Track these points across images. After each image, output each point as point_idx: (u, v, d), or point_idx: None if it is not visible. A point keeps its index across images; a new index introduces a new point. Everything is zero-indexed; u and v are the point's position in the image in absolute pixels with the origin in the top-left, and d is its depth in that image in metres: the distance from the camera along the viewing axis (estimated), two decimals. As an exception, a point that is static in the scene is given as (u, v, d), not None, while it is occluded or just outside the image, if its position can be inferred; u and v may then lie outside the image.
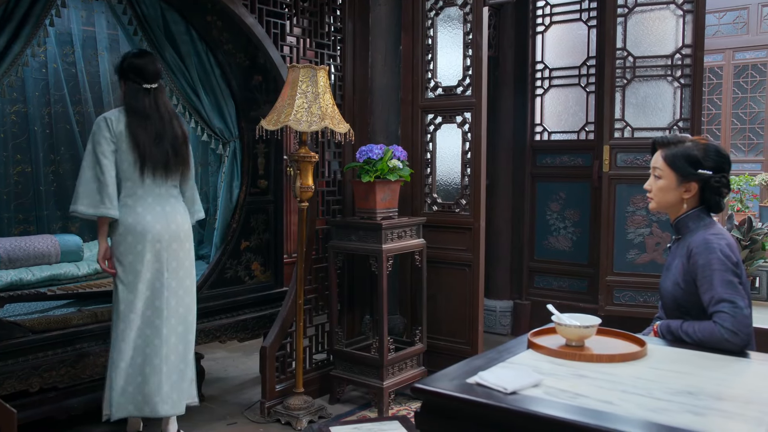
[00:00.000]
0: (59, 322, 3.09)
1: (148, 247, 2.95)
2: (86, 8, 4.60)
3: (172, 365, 2.98)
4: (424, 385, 1.67)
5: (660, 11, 4.35)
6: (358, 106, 4.14)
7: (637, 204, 4.33)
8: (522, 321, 5.26)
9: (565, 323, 1.96)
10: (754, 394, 1.62)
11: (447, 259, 4.08)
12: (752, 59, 8.54)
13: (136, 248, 2.94)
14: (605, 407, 1.51)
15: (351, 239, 3.77)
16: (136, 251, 2.94)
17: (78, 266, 3.98)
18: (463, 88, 4.04)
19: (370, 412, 3.70)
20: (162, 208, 3.02)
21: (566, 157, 5.12)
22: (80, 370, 3.13)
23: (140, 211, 2.97)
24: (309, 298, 3.89)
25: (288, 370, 3.77)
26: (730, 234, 2.23)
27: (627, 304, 4.36)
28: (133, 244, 2.94)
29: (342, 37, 4.07)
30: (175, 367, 3.00)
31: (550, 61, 5.23)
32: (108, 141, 2.93)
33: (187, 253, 3.09)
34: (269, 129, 3.27)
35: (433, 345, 4.07)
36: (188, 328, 3.09)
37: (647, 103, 4.39)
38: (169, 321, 2.98)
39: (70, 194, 4.50)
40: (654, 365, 1.83)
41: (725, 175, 2.17)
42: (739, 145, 8.71)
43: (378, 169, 3.65)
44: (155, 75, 3.05)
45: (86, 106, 4.61)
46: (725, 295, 2.00)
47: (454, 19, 4.11)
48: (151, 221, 2.97)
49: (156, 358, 2.94)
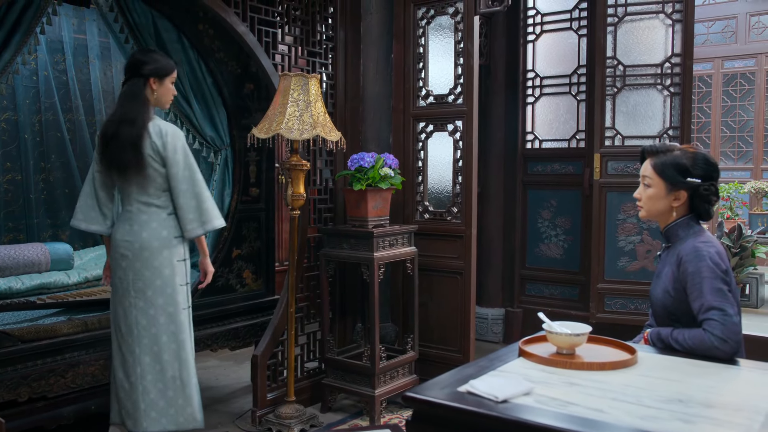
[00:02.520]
0: (49, 331, 3.07)
1: (117, 265, 2.91)
2: (77, 16, 4.60)
3: (149, 384, 2.88)
4: (415, 394, 1.67)
5: (649, 20, 4.39)
6: (349, 114, 4.15)
7: (627, 212, 4.35)
8: (514, 329, 5.26)
9: (555, 331, 1.96)
10: (744, 401, 1.63)
11: (438, 267, 4.09)
12: (741, 68, 8.62)
13: (113, 263, 2.94)
14: (596, 415, 1.51)
15: (342, 247, 3.77)
16: (114, 266, 2.94)
17: (68, 275, 3.96)
18: (454, 96, 4.06)
19: (361, 421, 3.69)
20: (131, 224, 2.89)
21: (557, 165, 5.14)
22: (70, 379, 3.10)
23: (116, 225, 2.95)
24: (300, 306, 3.88)
25: (279, 379, 3.76)
26: (719, 242, 2.24)
27: (618, 312, 4.37)
28: (112, 259, 2.96)
29: (334, 45, 4.08)
30: (153, 386, 2.88)
31: (541, 69, 5.26)
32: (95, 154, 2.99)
33: (155, 272, 2.87)
34: (261, 137, 3.27)
35: (424, 353, 4.06)
36: (180, 345, 2.92)
37: (637, 112, 4.42)
38: (140, 341, 2.86)
39: (60, 202, 4.53)
40: (644, 373, 1.83)
41: (714, 183, 2.19)
42: (729, 153, 8.77)
43: (369, 177, 3.65)
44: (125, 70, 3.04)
45: (77, 114, 4.61)
46: (715, 302, 2.01)
47: (445, 28, 4.13)
48: (119, 237, 2.90)
49: (132, 375, 2.88)
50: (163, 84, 2.94)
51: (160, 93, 2.93)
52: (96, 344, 3.19)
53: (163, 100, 2.97)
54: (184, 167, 2.86)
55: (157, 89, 2.92)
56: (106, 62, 4.81)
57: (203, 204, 2.91)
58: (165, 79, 2.93)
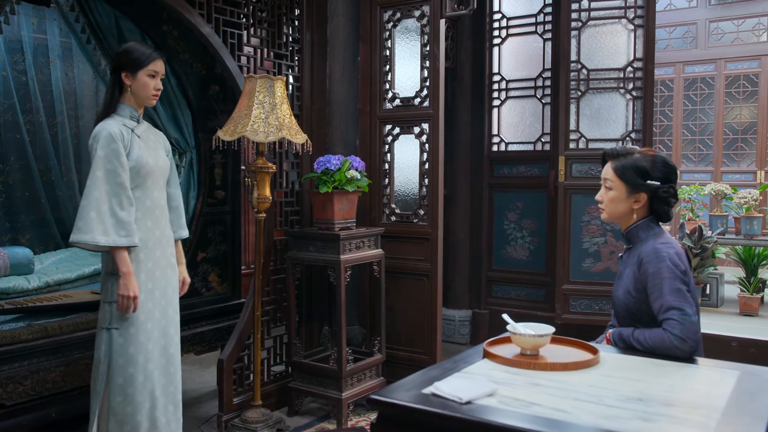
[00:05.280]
0: (7, 337, 2.99)
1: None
2: (37, 15, 4.50)
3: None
4: (379, 396, 1.67)
5: (612, 25, 4.46)
6: (316, 116, 4.13)
7: (592, 213, 4.42)
8: (481, 330, 5.30)
9: (519, 332, 1.98)
10: (701, 399, 1.67)
11: (405, 269, 4.10)
12: (701, 72, 8.81)
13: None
14: (558, 415, 1.53)
15: (309, 250, 3.75)
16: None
17: (28, 279, 3.86)
18: (420, 99, 4.07)
19: (329, 424, 3.68)
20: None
21: (523, 168, 5.20)
22: (29, 386, 3.03)
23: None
24: (267, 309, 3.86)
25: (246, 383, 3.72)
26: (679, 243, 2.29)
27: (583, 312, 4.43)
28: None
29: (300, 47, 4.06)
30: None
31: (507, 72, 5.31)
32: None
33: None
34: (226, 139, 3.24)
35: (392, 355, 4.06)
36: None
37: (601, 115, 4.49)
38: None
39: (19, 205, 4.43)
40: (606, 373, 1.86)
41: (673, 186, 2.24)
42: (690, 155, 8.96)
43: (336, 180, 3.64)
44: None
45: (37, 116, 4.51)
46: (674, 302, 2.05)
47: (411, 31, 4.15)
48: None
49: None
50: (137, 78, 2.67)
51: (134, 88, 2.69)
52: (56, 350, 3.12)
53: (141, 95, 2.70)
54: (91, 171, 2.61)
55: (131, 83, 2.68)
56: (68, 63, 4.72)
57: (80, 211, 2.58)
58: (138, 73, 2.67)
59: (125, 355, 2.63)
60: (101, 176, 2.57)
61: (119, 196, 2.59)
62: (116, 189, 2.59)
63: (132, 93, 2.71)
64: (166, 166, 2.85)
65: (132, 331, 2.65)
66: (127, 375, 2.63)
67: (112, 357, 2.63)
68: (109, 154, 2.58)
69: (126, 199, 2.61)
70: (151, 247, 2.73)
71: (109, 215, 2.56)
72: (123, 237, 2.58)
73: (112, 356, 2.63)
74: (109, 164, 2.58)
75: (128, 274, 2.60)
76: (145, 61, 2.68)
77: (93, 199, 2.55)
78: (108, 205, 2.57)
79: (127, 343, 2.64)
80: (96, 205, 2.55)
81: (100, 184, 2.56)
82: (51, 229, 4.54)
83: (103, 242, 2.54)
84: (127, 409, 2.64)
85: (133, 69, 2.68)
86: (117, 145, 2.60)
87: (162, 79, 2.77)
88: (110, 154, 2.58)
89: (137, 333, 2.65)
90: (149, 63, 2.69)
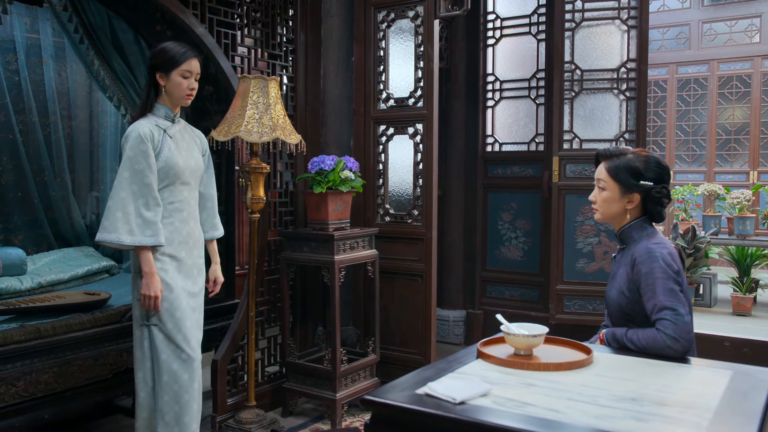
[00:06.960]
0: (-1, 338, 2.98)
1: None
2: (30, 15, 4.48)
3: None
4: (373, 397, 1.67)
5: (606, 26, 4.47)
6: (310, 116, 4.13)
7: (585, 214, 4.42)
8: (475, 330, 5.30)
9: (513, 333, 1.99)
10: (694, 399, 1.67)
11: (400, 270, 4.10)
12: (694, 73, 8.85)
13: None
14: (552, 415, 1.53)
15: (303, 250, 3.75)
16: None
17: (21, 280, 3.85)
18: (414, 99, 4.07)
19: (323, 425, 3.68)
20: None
21: (517, 168, 5.20)
22: (22, 388, 3.02)
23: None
24: (261, 310, 3.85)
25: (240, 384, 3.72)
26: (672, 243, 2.29)
27: (577, 312, 4.44)
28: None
29: (294, 48, 4.06)
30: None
31: (501, 73, 5.32)
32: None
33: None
34: (220, 140, 3.23)
35: (386, 356, 4.06)
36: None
37: (594, 116, 4.50)
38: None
39: (12, 206, 4.41)
40: (600, 373, 1.86)
41: (666, 186, 2.24)
42: (683, 156, 8.99)
43: (330, 180, 3.64)
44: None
45: (30, 116, 4.49)
46: (667, 302, 2.05)
47: (405, 32, 4.15)
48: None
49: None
50: (170, 78, 2.69)
51: (168, 88, 2.71)
52: (49, 351, 3.11)
53: (175, 95, 2.73)
54: (119, 171, 2.66)
55: (165, 83, 2.70)
56: (61, 63, 4.70)
57: (106, 211, 2.65)
58: (172, 73, 2.69)
59: (167, 351, 2.73)
60: (128, 177, 2.62)
61: (146, 196, 2.64)
62: (143, 189, 2.63)
63: (166, 93, 2.73)
64: (198, 167, 2.88)
65: (170, 327, 2.74)
66: (171, 371, 2.73)
67: (155, 354, 2.73)
68: (138, 154, 2.63)
69: (152, 200, 2.66)
70: (176, 246, 2.76)
71: (135, 215, 2.62)
72: (148, 237, 2.63)
73: (155, 353, 2.73)
74: (137, 165, 2.63)
75: (151, 274, 2.65)
76: (178, 60, 2.69)
77: (119, 199, 2.61)
78: (134, 205, 2.62)
79: (167, 339, 2.74)
80: (122, 205, 2.60)
81: (126, 185, 2.62)
82: (44, 229, 4.52)
83: (128, 242, 2.59)
84: (174, 408, 2.74)
85: (166, 69, 2.70)
86: (146, 146, 2.63)
87: (197, 78, 2.77)
88: (139, 154, 2.63)
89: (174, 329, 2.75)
90: (182, 63, 2.70)
